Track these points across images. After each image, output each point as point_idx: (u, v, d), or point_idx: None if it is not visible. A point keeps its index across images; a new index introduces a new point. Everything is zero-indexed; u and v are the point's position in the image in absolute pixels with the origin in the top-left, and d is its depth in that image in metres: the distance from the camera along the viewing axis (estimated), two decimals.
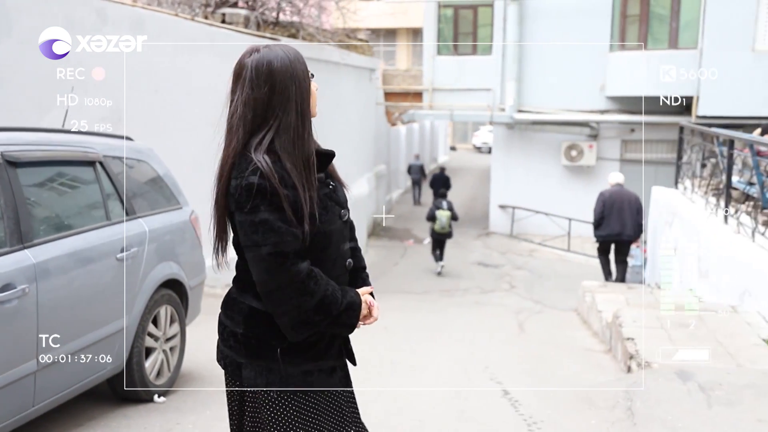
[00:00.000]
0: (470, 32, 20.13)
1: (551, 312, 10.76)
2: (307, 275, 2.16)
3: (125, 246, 4.29)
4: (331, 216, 2.25)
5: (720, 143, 9.27)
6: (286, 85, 2.21)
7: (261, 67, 2.21)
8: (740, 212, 8.03)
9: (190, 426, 4.21)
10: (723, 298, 7.09)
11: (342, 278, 2.30)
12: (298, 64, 2.25)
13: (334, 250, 2.28)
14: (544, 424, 4.28)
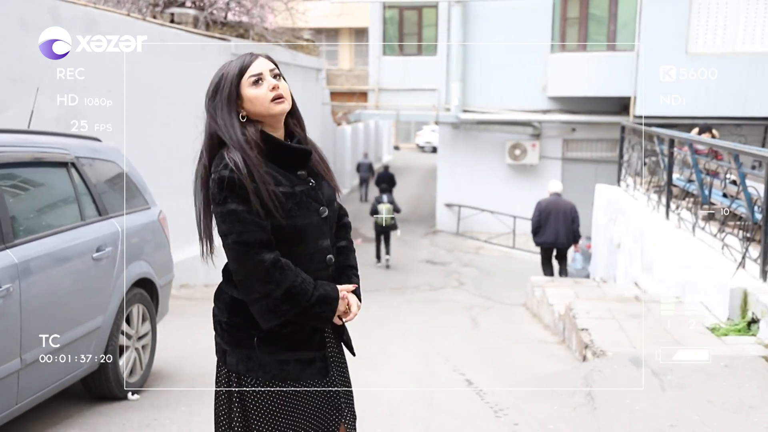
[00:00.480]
0: (415, 33, 20.39)
1: (501, 307, 11.04)
2: (272, 265, 2.25)
3: (100, 246, 4.35)
4: (305, 212, 2.32)
5: (660, 142, 9.69)
6: (216, 88, 2.35)
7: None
8: (681, 208, 8.42)
9: (168, 422, 4.29)
10: (667, 290, 7.45)
11: (321, 273, 2.37)
12: (219, 72, 2.37)
13: (310, 245, 2.36)
14: (510, 410, 4.48)
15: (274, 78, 2.33)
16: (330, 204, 2.41)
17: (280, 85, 2.32)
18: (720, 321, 5.99)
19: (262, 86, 2.30)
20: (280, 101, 2.30)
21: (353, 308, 2.39)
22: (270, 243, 2.28)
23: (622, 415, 4.27)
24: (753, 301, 5.77)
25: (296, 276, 2.29)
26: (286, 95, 2.33)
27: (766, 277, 5.97)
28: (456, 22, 19.05)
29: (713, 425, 4.10)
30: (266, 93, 2.29)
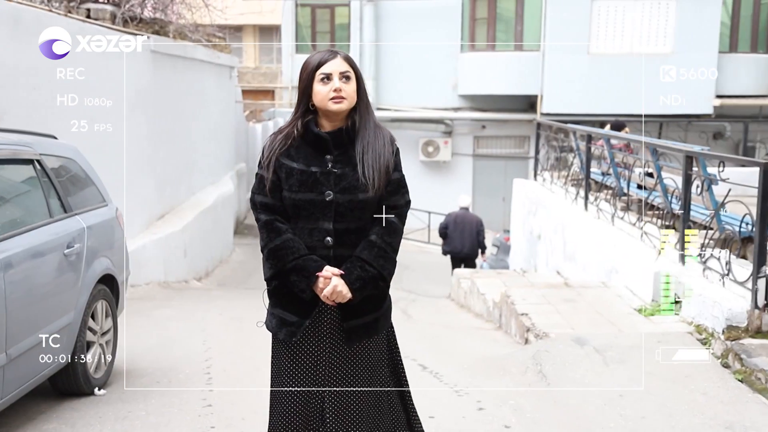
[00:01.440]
0: (328, 31, 20.55)
1: (426, 299, 11.39)
2: (263, 225, 2.71)
3: (70, 242, 4.37)
4: (305, 190, 2.64)
5: (577, 138, 10.23)
6: (300, 75, 2.72)
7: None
8: (599, 200, 8.95)
9: (143, 414, 4.36)
10: (592, 276, 7.94)
11: (320, 251, 2.66)
12: (307, 59, 2.72)
13: (311, 221, 2.67)
14: (470, 389, 4.77)
15: (342, 79, 2.65)
16: (344, 191, 2.64)
17: (344, 87, 2.64)
18: (645, 302, 6.48)
19: (327, 85, 2.64)
20: (338, 101, 2.64)
21: (326, 290, 2.59)
22: (272, 207, 2.70)
23: (574, 388, 4.64)
24: (675, 283, 6.27)
25: (283, 241, 2.65)
26: (348, 96, 2.65)
27: (684, 261, 6.49)
28: (368, 21, 19.35)
29: (656, 394, 4.51)
30: (328, 92, 2.63)
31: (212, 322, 7.79)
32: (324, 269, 2.63)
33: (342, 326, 2.71)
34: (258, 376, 5.22)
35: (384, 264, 2.68)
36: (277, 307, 2.74)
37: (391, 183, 2.71)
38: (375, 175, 2.65)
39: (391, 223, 2.72)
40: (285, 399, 2.73)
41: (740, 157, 10.10)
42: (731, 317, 5.35)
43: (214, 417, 4.30)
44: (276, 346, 2.79)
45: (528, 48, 18.71)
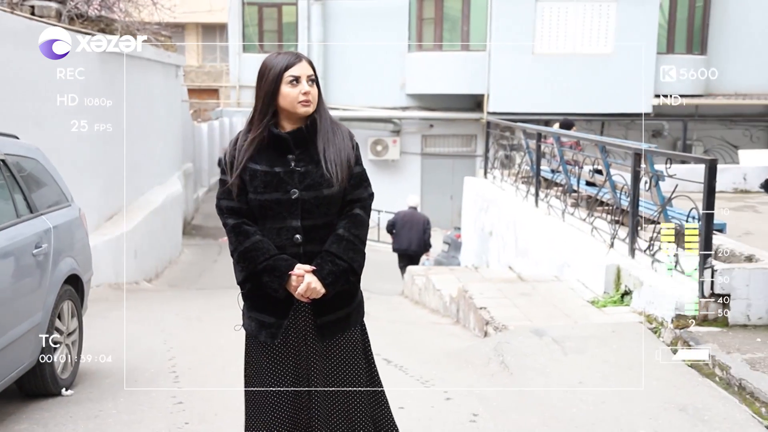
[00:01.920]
0: (275, 30, 20.52)
1: (379, 297, 11.49)
2: (231, 229, 2.75)
3: (38, 242, 4.36)
4: (270, 190, 2.69)
5: (527, 136, 10.48)
6: (261, 77, 2.74)
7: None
8: (550, 197, 9.20)
9: (114, 412, 4.38)
10: (544, 271, 8.16)
11: (290, 250, 2.71)
12: (269, 61, 2.74)
13: (278, 220, 2.71)
14: (436, 381, 4.91)
15: (309, 83, 2.71)
16: (309, 188, 2.70)
17: (311, 91, 2.71)
18: (597, 295, 6.72)
19: (296, 88, 2.69)
20: (306, 105, 2.70)
21: (300, 287, 2.65)
22: (238, 210, 2.74)
23: (536, 377, 4.81)
24: (625, 276, 6.53)
25: (252, 243, 2.69)
26: (314, 100, 2.72)
27: (634, 254, 6.75)
28: (316, 20, 19.38)
29: (613, 380, 4.72)
30: (297, 95, 2.69)
31: (170, 323, 7.77)
32: (295, 267, 2.68)
33: (315, 322, 2.76)
34: (225, 375, 5.29)
35: (354, 256, 2.74)
36: (253, 310, 2.78)
37: (353, 177, 2.77)
38: (338, 169, 2.71)
39: (357, 216, 2.78)
40: (269, 399, 2.76)
41: (687, 155, 10.50)
42: (680, 306, 5.60)
43: (186, 413, 4.34)
44: (253, 348, 2.81)
45: (474, 48, 19.00)
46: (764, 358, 4.89)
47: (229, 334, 7.02)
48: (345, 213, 2.77)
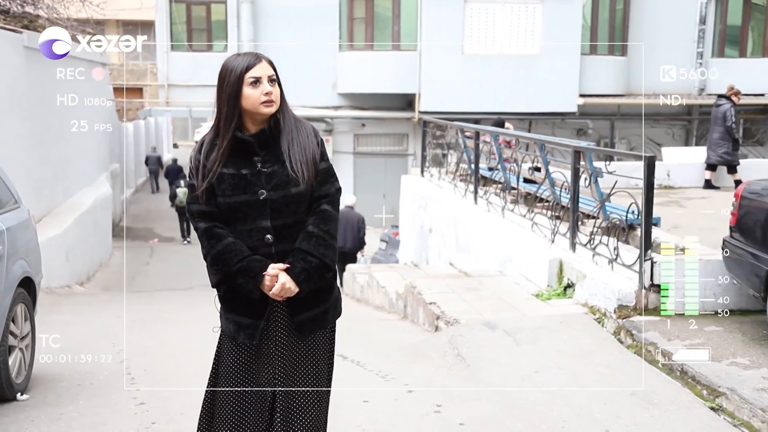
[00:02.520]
0: (204, 29, 20.26)
1: None
2: (203, 232, 2.76)
3: None
4: (239, 192, 2.71)
5: (464, 135, 10.70)
6: (223, 80, 2.75)
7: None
8: (489, 194, 9.43)
9: (77, 414, 4.32)
10: (486, 266, 8.37)
11: (262, 250, 2.73)
12: (229, 63, 2.77)
13: (248, 222, 2.73)
14: (395, 375, 5.01)
15: (270, 83, 2.72)
16: (276, 188, 2.71)
17: (273, 90, 2.72)
18: (541, 288, 6.94)
19: (257, 89, 2.70)
20: (269, 104, 2.71)
21: (275, 288, 2.67)
22: (208, 214, 2.75)
23: (493, 368, 4.97)
24: (568, 269, 6.77)
25: (225, 246, 2.71)
26: (276, 99, 2.73)
27: (575, 248, 7.00)
28: (246, 19, 19.23)
29: (567, 368, 4.92)
30: (259, 96, 2.70)
31: (113, 325, 7.63)
32: (269, 267, 2.70)
33: (292, 320, 2.77)
34: (182, 375, 5.28)
35: (325, 252, 2.76)
36: (230, 312, 2.80)
37: (319, 173, 2.78)
38: (303, 167, 2.74)
39: (326, 212, 2.79)
40: (239, 399, 2.79)
41: (626, 152, 10.90)
42: (621, 297, 5.87)
43: (151, 414, 4.33)
44: (228, 348, 2.82)
45: (405, 48, 19.18)
46: (702, 344, 5.19)
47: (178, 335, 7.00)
48: (313, 209, 2.80)
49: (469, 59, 18.99)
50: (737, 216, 5.53)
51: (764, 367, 4.77)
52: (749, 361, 4.84)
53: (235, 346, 2.80)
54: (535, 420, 4.14)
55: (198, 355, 6.01)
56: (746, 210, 5.49)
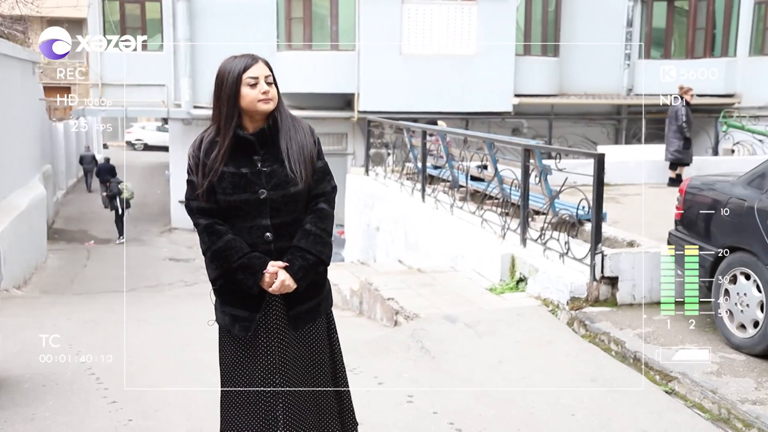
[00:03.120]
0: (138, 27, 19.92)
1: None
2: (203, 229, 2.85)
3: None
4: (239, 191, 2.79)
5: (410, 134, 10.87)
6: (221, 81, 2.85)
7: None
8: (437, 192, 9.63)
9: (49, 414, 4.31)
10: (435, 263, 8.55)
11: (261, 247, 2.82)
12: (226, 65, 2.87)
13: (248, 220, 2.81)
14: (362, 368, 5.08)
15: (268, 83, 2.83)
16: (276, 188, 2.81)
17: (270, 90, 2.82)
18: (494, 283, 7.16)
19: (255, 88, 2.80)
20: (266, 102, 2.81)
21: (275, 285, 2.78)
22: (208, 210, 2.83)
23: (457, 359, 5.14)
24: (520, 264, 7.01)
25: (225, 242, 2.79)
26: (273, 98, 2.84)
27: (526, 243, 7.25)
28: (182, 18, 19.00)
29: (528, 358, 5.13)
30: (257, 94, 2.80)
31: (64, 327, 7.53)
32: (268, 265, 2.80)
33: (288, 314, 2.88)
34: (148, 373, 5.29)
35: (321, 249, 2.88)
36: (226, 305, 2.88)
37: (316, 172, 2.88)
38: (301, 167, 2.83)
39: (323, 210, 2.90)
40: (245, 396, 2.89)
41: (575, 150, 11.23)
42: (574, 290, 6.13)
43: (126, 411, 4.34)
44: (227, 343, 2.92)
45: (344, 48, 19.27)
46: (652, 332, 5.46)
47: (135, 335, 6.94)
48: (310, 207, 2.90)
49: (407, 59, 19.20)
50: (682, 210, 5.84)
51: (711, 352, 5.07)
52: (697, 347, 5.14)
53: (233, 340, 2.88)
54: (505, 406, 4.33)
55: (162, 354, 6.04)
56: (690, 204, 5.81)
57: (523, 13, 20.06)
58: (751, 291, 5.00)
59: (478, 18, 19.28)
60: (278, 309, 2.88)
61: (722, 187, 5.55)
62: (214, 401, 4.32)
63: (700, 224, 5.68)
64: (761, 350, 4.91)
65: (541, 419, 4.18)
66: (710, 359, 4.90)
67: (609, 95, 20.79)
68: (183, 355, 6.06)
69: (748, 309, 5.03)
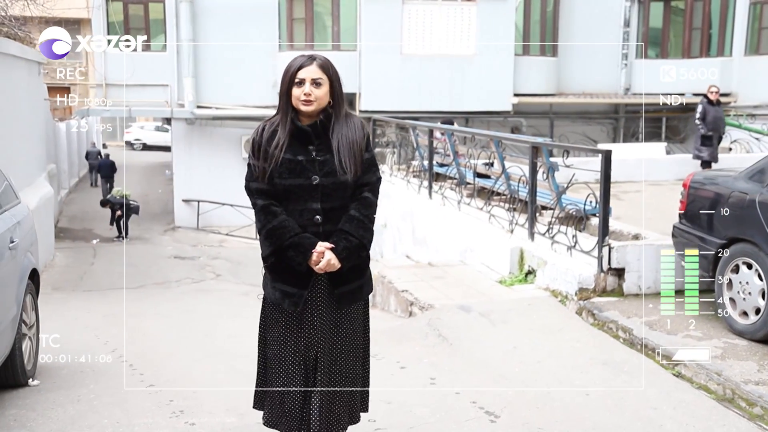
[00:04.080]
0: (142, 27, 20.11)
1: None
2: (260, 209, 3.08)
3: (12, 237, 4.45)
4: (294, 176, 3.05)
5: (416, 133, 11.13)
6: (283, 77, 3.12)
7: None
8: (444, 188, 9.89)
9: (93, 396, 4.55)
10: (444, 257, 8.81)
11: (311, 229, 3.07)
12: (290, 62, 3.13)
13: (300, 203, 3.07)
14: (385, 353, 5.35)
15: (313, 85, 3.06)
16: (327, 175, 3.07)
17: (313, 92, 3.06)
18: (503, 275, 7.42)
19: (300, 89, 3.07)
20: (306, 104, 3.06)
21: (321, 263, 3.02)
22: (266, 192, 3.07)
23: (474, 345, 5.41)
24: (528, 257, 7.27)
25: (279, 222, 3.03)
26: (317, 100, 3.06)
27: (534, 237, 7.51)
28: (185, 18, 19.18)
29: (540, 344, 5.40)
30: (300, 95, 3.06)
31: (87, 320, 7.81)
32: (317, 245, 3.04)
33: (333, 293, 3.13)
34: (177, 360, 5.55)
35: (364, 234, 3.12)
36: (277, 282, 3.13)
37: (363, 163, 3.12)
38: (350, 160, 3.08)
39: (367, 198, 3.15)
40: (286, 360, 3.16)
41: (582, 147, 11.47)
42: (582, 281, 6.39)
43: (165, 393, 4.57)
44: (272, 314, 3.17)
45: (345, 48, 19.51)
46: (658, 321, 5.72)
47: (157, 326, 7.17)
48: (356, 195, 3.14)
49: (407, 59, 19.45)
50: (686, 204, 6.11)
51: (715, 338, 5.33)
52: (702, 334, 5.40)
53: (281, 312, 3.14)
54: (522, 387, 4.59)
55: (188, 343, 6.29)
56: (693, 198, 6.08)
57: (522, 14, 20.32)
58: (753, 279, 5.26)
59: (477, 18, 19.54)
60: (323, 288, 3.12)
61: (724, 181, 5.81)
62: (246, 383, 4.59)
63: (702, 217, 5.94)
64: (763, 335, 5.18)
65: (556, 398, 4.44)
66: (713, 346, 5.16)
67: (607, 94, 21.06)
68: (208, 343, 6.32)
69: (750, 297, 5.29)
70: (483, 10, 19.42)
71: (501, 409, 4.23)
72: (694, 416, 4.22)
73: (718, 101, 12.03)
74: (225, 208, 19.51)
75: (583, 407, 4.32)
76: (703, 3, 20.41)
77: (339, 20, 19.62)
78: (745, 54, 19.47)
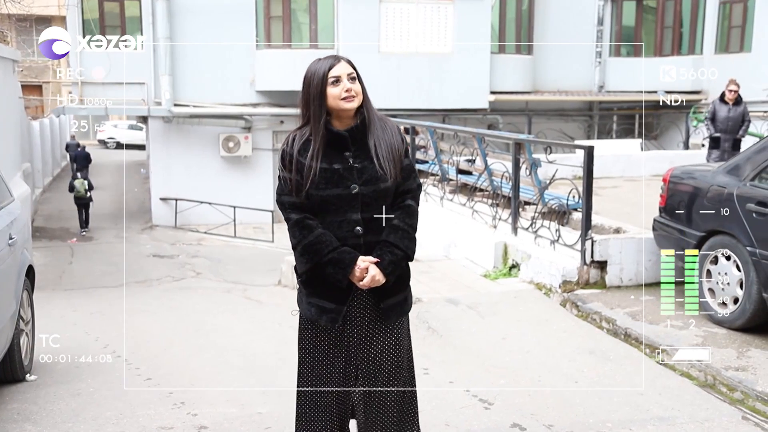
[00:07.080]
0: (118, 25, 20.01)
1: (257, 288, 11.83)
2: (294, 223, 2.89)
3: (11, 233, 4.50)
4: (332, 186, 2.85)
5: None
6: (308, 83, 2.91)
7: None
8: (426, 185, 10.01)
9: (92, 389, 4.61)
10: (429, 252, 8.93)
11: (350, 241, 2.86)
12: (312, 67, 2.97)
13: (339, 214, 2.87)
14: None
15: (350, 80, 2.88)
16: (367, 183, 2.87)
17: (353, 87, 2.87)
18: (488, 269, 7.57)
19: (338, 86, 2.86)
20: (350, 100, 2.86)
21: (366, 279, 2.81)
22: (300, 206, 2.88)
23: (464, 336, 5.54)
24: (512, 251, 7.43)
25: (316, 236, 2.84)
26: (357, 95, 2.88)
27: (517, 232, 7.67)
28: (161, 16, 19.10)
29: (529, 334, 5.55)
30: (340, 92, 2.86)
31: (75, 318, 7.81)
32: (359, 260, 2.83)
33: (379, 307, 2.92)
34: (171, 354, 5.62)
35: (408, 245, 2.94)
36: (313, 296, 2.90)
37: (403, 169, 2.95)
38: (390, 165, 2.89)
39: (410, 207, 2.96)
40: (323, 382, 2.95)
41: (566, 143, 11.66)
42: (565, 274, 6.56)
43: (163, 386, 4.67)
44: (309, 332, 2.95)
45: (323, 46, 19.55)
46: (640, 311, 5.91)
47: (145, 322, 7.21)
48: (398, 204, 2.96)
49: (385, 57, 19.56)
50: (666, 198, 6.30)
51: (695, 327, 5.52)
52: (682, 323, 5.58)
53: (317, 330, 2.93)
54: (513, 376, 4.73)
55: (179, 338, 6.36)
56: (673, 192, 6.27)
57: (498, 13, 20.53)
58: (732, 270, 5.46)
59: (454, 17, 19.71)
60: (364, 302, 2.93)
61: (703, 176, 6.01)
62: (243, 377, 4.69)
63: (681, 210, 6.13)
64: (741, 324, 5.37)
65: (546, 385, 4.59)
66: (694, 333, 5.35)
67: (581, 92, 21.35)
68: (199, 338, 6.38)
69: (729, 287, 5.49)
70: (459, 9, 19.59)
71: (494, 397, 4.37)
72: (679, 401, 4.38)
73: (736, 101, 10.57)
74: (203, 206, 19.48)
75: (573, 393, 4.47)
76: (675, 2, 20.77)
77: (317, 18, 19.66)
78: (715, 52, 19.85)
